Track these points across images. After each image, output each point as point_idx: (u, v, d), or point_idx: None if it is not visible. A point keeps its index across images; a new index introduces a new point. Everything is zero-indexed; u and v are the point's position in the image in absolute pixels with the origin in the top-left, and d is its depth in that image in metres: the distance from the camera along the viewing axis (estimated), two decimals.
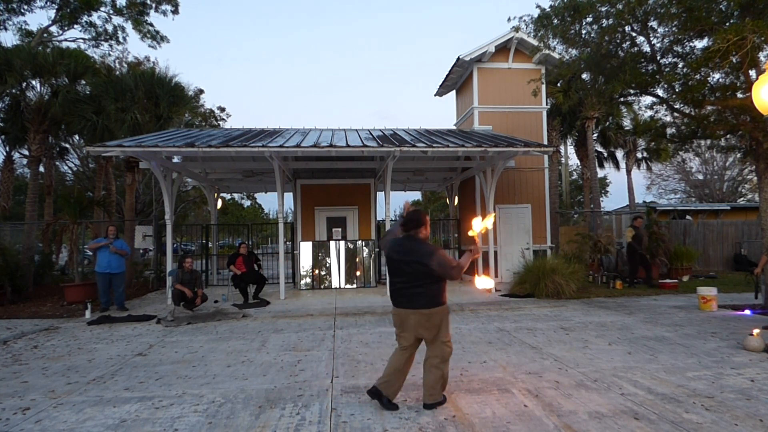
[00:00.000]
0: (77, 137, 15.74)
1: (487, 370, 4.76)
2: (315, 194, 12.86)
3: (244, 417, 3.65)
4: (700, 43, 7.97)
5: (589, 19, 8.24)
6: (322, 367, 4.99)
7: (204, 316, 8.10)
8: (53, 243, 11.61)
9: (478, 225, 3.83)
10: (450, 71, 13.27)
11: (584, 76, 9.48)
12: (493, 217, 4.31)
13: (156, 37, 19.36)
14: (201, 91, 22.81)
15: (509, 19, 9.06)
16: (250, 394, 4.18)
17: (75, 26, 18.57)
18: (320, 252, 11.83)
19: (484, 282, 3.93)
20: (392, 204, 11.03)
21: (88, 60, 14.19)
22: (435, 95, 15.07)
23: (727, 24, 6.89)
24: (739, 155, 11.80)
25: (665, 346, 5.54)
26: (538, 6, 8.71)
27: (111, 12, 18.64)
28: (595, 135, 18.69)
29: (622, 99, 10.23)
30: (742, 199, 28.87)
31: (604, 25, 8.13)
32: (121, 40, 19.38)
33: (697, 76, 7.69)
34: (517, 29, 9.33)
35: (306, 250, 11.84)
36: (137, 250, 15.21)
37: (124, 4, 18.57)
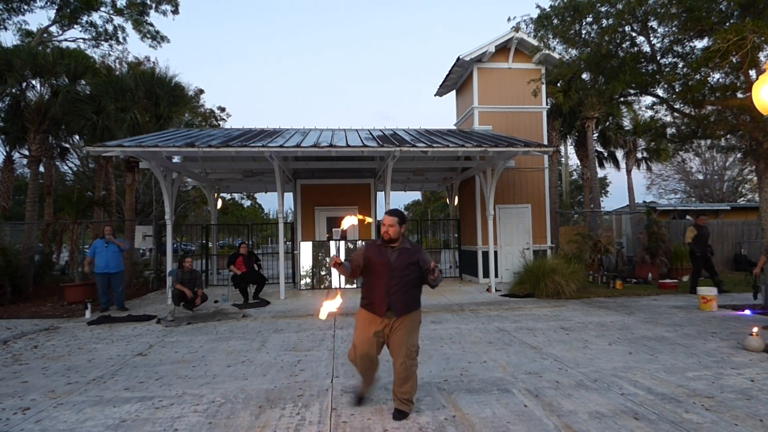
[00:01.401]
0: (77, 137, 15.72)
1: (487, 370, 4.76)
2: (315, 194, 12.86)
3: (244, 417, 3.65)
4: (700, 43, 7.98)
5: (589, 19, 8.24)
6: (322, 367, 4.99)
7: (204, 316, 8.10)
8: (53, 243, 11.63)
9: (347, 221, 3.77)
10: (450, 71, 13.27)
11: (584, 76, 9.48)
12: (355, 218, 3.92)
13: (156, 37, 19.37)
14: (201, 91, 22.83)
15: (509, 19, 9.07)
16: (250, 394, 4.18)
17: (75, 26, 18.60)
18: (320, 252, 11.83)
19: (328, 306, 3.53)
20: (392, 204, 11.04)
21: (88, 60, 14.19)
22: (435, 95, 15.07)
23: (727, 24, 6.89)
24: (739, 155, 11.82)
25: (665, 346, 5.54)
26: (538, 6, 8.72)
27: (111, 12, 18.67)
28: (595, 135, 18.69)
29: (622, 99, 10.24)
30: (742, 199, 28.87)
31: (604, 25, 8.13)
32: (121, 40, 19.41)
33: (697, 76, 7.70)
34: (517, 29, 9.32)
35: (306, 250, 11.84)
36: (137, 250, 15.21)
37: (124, 4, 18.59)
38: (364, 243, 3.99)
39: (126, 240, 9.48)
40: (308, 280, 11.71)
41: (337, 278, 11.71)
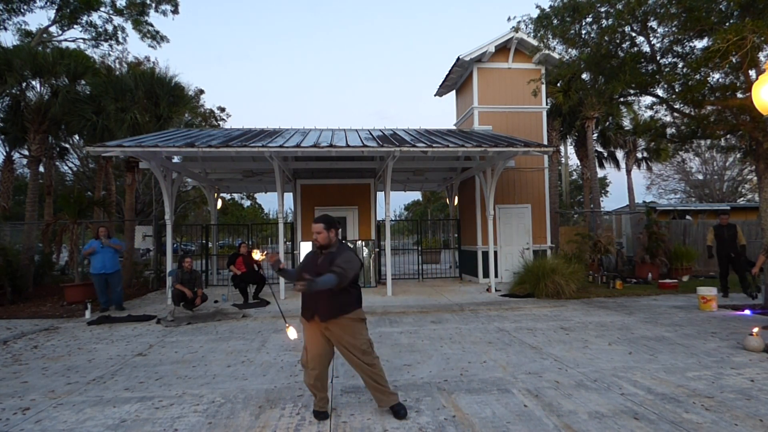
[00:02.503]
0: (77, 137, 15.73)
1: (487, 370, 4.76)
2: (315, 194, 12.86)
3: (244, 417, 3.65)
4: (700, 43, 7.98)
5: (588, 20, 8.24)
6: None
7: (204, 316, 8.10)
8: (53, 243, 11.60)
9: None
10: (450, 71, 13.27)
11: (584, 76, 9.48)
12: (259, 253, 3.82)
13: (156, 37, 19.38)
14: (201, 91, 22.85)
15: (509, 19, 9.07)
16: (250, 394, 4.18)
17: (75, 26, 18.60)
18: None
19: (291, 333, 3.68)
20: (392, 204, 11.05)
21: (88, 60, 14.18)
22: (435, 95, 15.07)
23: (727, 24, 6.89)
24: (739, 155, 11.81)
25: (665, 346, 5.54)
26: (537, 6, 8.72)
27: (111, 12, 18.66)
28: (595, 135, 18.69)
29: (622, 99, 10.23)
30: (742, 199, 28.88)
31: (603, 25, 8.14)
32: (121, 40, 19.41)
33: (697, 76, 7.70)
34: (516, 29, 9.33)
35: (306, 250, 11.82)
36: (137, 250, 15.21)
37: (124, 4, 18.59)
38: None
39: (122, 240, 9.41)
40: None
41: None
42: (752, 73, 7.37)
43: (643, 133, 10.83)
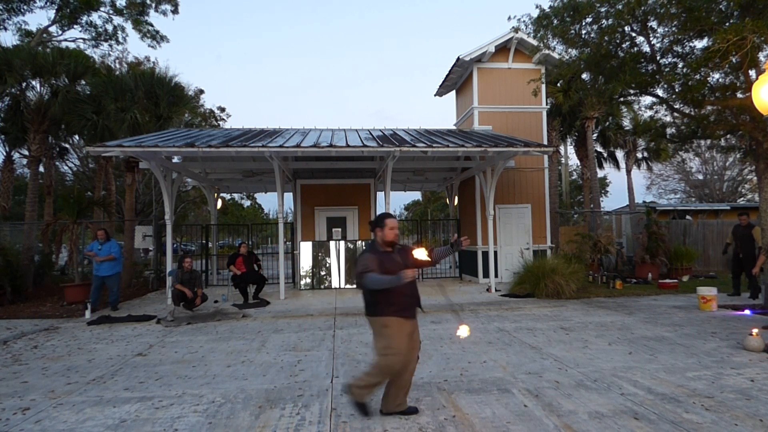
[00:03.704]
0: (77, 137, 15.74)
1: (487, 370, 4.76)
2: (315, 194, 12.85)
3: (244, 417, 3.65)
4: (700, 43, 7.99)
5: (588, 20, 8.24)
6: (322, 367, 4.99)
7: (204, 316, 8.10)
8: (53, 243, 11.61)
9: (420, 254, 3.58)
10: (450, 71, 13.27)
11: (584, 76, 9.48)
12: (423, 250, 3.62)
13: (156, 37, 19.37)
14: (201, 91, 22.85)
15: (509, 19, 9.06)
16: (250, 394, 4.18)
17: (75, 26, 18.58)
18: (320, 252, 11.83)
19: (463, 330, 3.77)
20: (392, 204, 11.04)
21: (88, 60, 14.20)
22: (435, 95, 15.07)
23: (727, 24, 6.89)
24: (739, 155, 11.82)
25: (665, 346, 5.54)
26: (537, 6, 8.71)
27: (111, 12, 18.66)
28: (595, 135, 18.68)
29: (622, 99, 10.23)
30: (742, 199, 28.86)
31: (603, 25, 8.13)
32: (121, 40, 19.40)
33: (697, 76, 7.70)
34: (516, 29, 9.32)
35: (306, 250, 11.84)
36: (137, 251, 15.20)
37: (124, 4, 18.58)
38: (365, 252, 3.74)
39: (117, 249, 9.26)
40: (308, 280, 11.70)
41: (336, 278, 11.70)
42: (752, 73, 7.37)
43: (643, 133, 10.85)
